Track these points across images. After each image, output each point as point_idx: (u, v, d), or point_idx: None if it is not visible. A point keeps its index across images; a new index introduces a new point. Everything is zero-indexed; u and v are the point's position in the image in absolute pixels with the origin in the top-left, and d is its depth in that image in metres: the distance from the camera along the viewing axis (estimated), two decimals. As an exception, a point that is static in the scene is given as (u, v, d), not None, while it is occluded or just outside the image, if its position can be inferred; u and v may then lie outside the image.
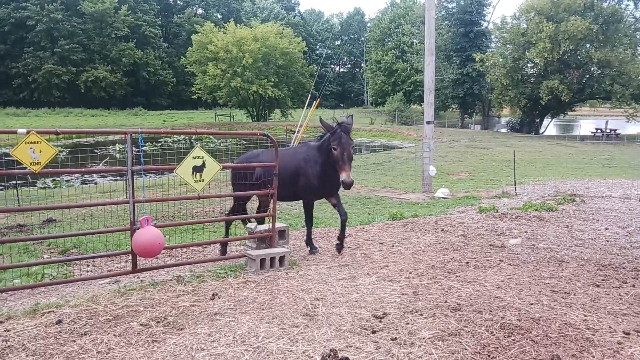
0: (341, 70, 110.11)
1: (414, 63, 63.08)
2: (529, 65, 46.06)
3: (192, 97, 68.99)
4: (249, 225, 7.05)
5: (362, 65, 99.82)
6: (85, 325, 4.70)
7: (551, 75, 42.25)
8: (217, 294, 5.53)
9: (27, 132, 4.95)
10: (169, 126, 54.64)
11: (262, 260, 6.47)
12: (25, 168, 5.12)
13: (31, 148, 4.92)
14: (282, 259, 6.59)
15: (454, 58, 56.41)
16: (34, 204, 11.65)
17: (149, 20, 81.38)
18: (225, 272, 6.36)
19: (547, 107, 48.08)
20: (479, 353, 4.03)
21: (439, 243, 7.79)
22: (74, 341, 4.36)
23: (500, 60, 45.02)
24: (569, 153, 29.06)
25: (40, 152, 4.97)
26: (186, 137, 35.58)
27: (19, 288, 6.01)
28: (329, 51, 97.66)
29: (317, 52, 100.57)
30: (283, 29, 64.81)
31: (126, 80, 77.70)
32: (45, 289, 6.20)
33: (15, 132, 4.99)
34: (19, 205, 12.15)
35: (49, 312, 5.03)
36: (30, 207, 8.55)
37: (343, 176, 6.37)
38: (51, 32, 70.46)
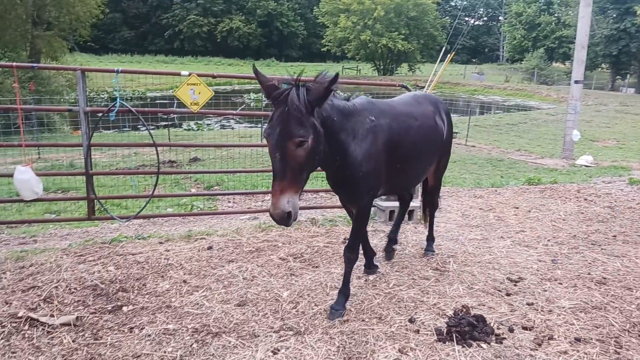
0: (476, 23, 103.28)
1: (561, 16, 57.03)
2: None
3: (322, 49, 69.73)
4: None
5: (500, 18, 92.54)
6: (232, 253, 5.18)
7: None
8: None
9: (189, 74, 5.40)
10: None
11: (391, 212, 6.54)
12: (184, 108, 5.62)
13: (192, 89, 5.37)
14: (410, 213, 6.59)
15: (609, 11, 49.92)
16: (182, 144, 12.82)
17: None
18: (356, 220, 6.53)
19: None
20: (628, 331, 3.75)
21: (582, 213, 7.23)
22: (223, 266, 4.83)
23: (670, 13, 38.98)
24: None
25: (199, 93, 5.41)
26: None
27: (173, 215, 6.76)
28: (465, 2, 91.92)
29: (452, 2, 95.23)
30: (419, -21, 62.10)
31: (260, 31, 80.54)
32: (194, 219, 6.89)
33: (179, 74, 5.47)
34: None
35: (200, 239, 5.61)
36: (193, 144, 9.42)
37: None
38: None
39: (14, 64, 5.49)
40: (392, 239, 5.18)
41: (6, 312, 3.72)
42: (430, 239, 5.47)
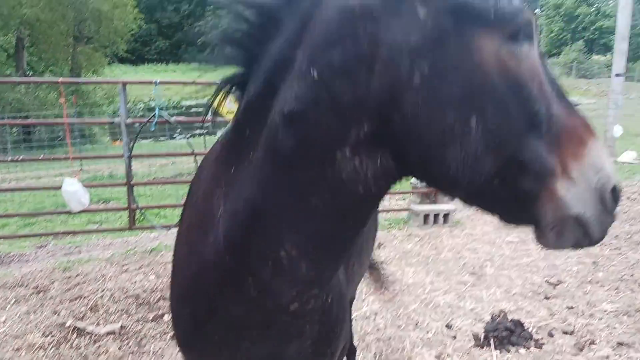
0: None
1: (600, 6, 55.27)
2: None
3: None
4: (413, 179, 7.07)
5: (536, 11, 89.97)
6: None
7: None
8: (382, 244, 5.74)
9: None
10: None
11: (426, 216, 6.50)
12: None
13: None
14: (446, 216, 6.54)
15: (652, -1, 48.10)
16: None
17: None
18: (390, 224, 6.53)
19: None
20: (675, 335, 3.63)
21: (624, 212, 7.00)
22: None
23: None
24: None
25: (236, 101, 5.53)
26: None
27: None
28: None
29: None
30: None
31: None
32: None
33: (215, 83, 5.60)
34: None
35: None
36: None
37: None
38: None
39: (60, 79, 5.72)
40: None
41: (55, 322, 3.90)
42: None
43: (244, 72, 1.27)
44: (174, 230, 5.59)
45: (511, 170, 1.05)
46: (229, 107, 4.85)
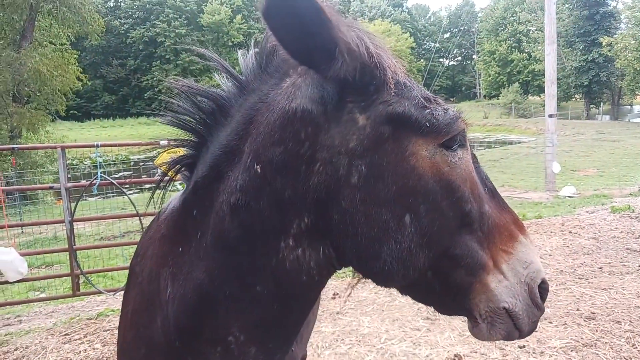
0: (450, 63, 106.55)
1: (531, 52, 59.18)
2: (668, 46, 41.09)
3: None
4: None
5: (474, 57, 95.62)
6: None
7: (696, 55, 37.33)
8: (337, 294, 5.71)
9: (168, 143, 5.49)
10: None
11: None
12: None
13: (172, 157, 5.45)
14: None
15: (576, 44, 51.97)
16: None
17: (260, 27, 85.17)
18: (344, 272, 6.52)
19: (691, 92, 42.57)
20: (620, 367, 3.75)
21: (567, 246, 7.30)
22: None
23: (632, 42, 40.62)
24: None
25: (179, 160, 5.48)
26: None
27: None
28: (437, 45, 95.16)
29: (425, 46, 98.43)
30: (391, 27, 64.43)
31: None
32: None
33: (158, 144, 5.56)
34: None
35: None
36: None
37: None
38: (175, 47, 76.90)
39: (-6, 145, 5.55)
40: None
41: (-11, 403, 3.62)
42: None
43: (193, 154, 1.33)
44: (122, 294, 5.41)
45: (444, 264, 1.13)
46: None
